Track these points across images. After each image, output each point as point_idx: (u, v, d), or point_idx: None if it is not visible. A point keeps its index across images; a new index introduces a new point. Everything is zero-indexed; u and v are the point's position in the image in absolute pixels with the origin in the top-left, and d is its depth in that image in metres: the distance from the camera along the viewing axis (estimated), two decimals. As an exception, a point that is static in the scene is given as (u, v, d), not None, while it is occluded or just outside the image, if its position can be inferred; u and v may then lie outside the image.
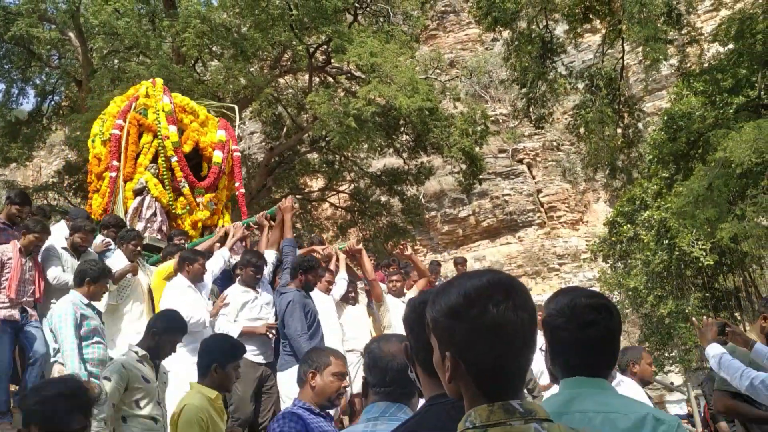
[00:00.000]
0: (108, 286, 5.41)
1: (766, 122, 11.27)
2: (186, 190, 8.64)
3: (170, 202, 8.55)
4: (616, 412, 1.84)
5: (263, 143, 24.97)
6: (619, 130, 16.83)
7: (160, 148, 8.59)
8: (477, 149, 18.34)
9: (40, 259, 5.97)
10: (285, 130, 20.85)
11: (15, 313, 5.58)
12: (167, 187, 8.55)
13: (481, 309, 1.30)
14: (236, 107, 12.73)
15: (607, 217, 23.26)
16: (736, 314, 19.57)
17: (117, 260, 6.33)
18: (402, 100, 15.11)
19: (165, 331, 4.31)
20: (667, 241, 18.20)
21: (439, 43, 32.55)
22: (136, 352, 4.27)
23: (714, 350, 4.18)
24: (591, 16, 15.97)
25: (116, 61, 17.98)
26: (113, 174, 8.46)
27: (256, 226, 7.46)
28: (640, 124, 17.31)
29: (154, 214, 8.41)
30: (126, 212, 8.24)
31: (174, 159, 8.59)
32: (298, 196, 22.40)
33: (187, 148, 8.89)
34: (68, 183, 21.08)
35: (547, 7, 14.95)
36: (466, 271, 1.62)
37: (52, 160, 33.32)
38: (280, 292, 5.95)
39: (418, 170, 20.23)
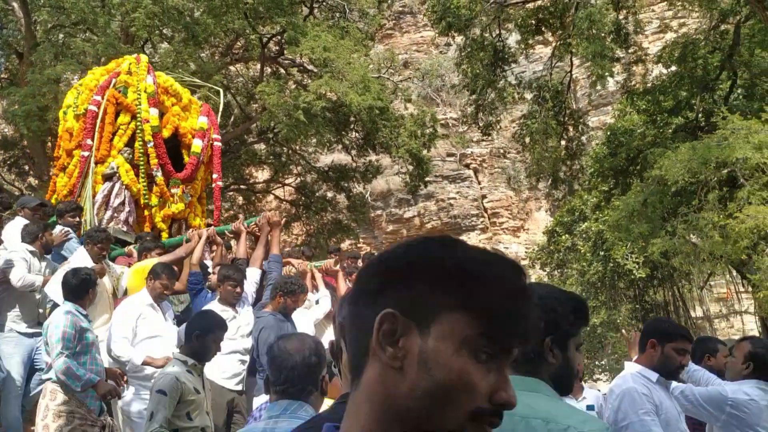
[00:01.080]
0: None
1: (700, 144, 11.71)
2: (159, 179, 8.04)
3: (144, 192, 7.95)
4: (540, 418, 1.67)
5: (210, 131, 24.53)
6: (563, 142, 17.22)
7: (138, 131, 8.00)
8: (425, 152, 18.46)
9: None
10: (232, 118, 20.53)
11: None
12: (141, 175, 7.95)
13: None
14: (222, 90, 12.28)
15: (547, 226, 23.78)
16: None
17: (79, 257, 5.80)
18: (353, 97, 15.09)
19: (208, 330, 4.08)
20: (602, 253, 18.72)
21: (394, 43, 32.64)
22: (185, 362, 4.02)
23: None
24: (543, 28, 16.30)
25: (61, 35, 17.34)
26: (85, 153, 7.79)
27: (232, 236, 6.98)
28: (583, 138, 17.75)
29: (122, 203, 7.79)
30: (94, 197, 7.66)
31: (151, 144, 7.99)
32: (242, 186, 22.12)
33: (165, 133, 8.27)
34: (3, 158, 20.25)
35: (501, 17, 15.17)
36: None
37: (-14, 133, 31.94)
38: (256, 315, 5.53)
39: (365, 168, 20.23)
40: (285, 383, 2.38)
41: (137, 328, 5.16)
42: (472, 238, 30.29)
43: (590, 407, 5.78)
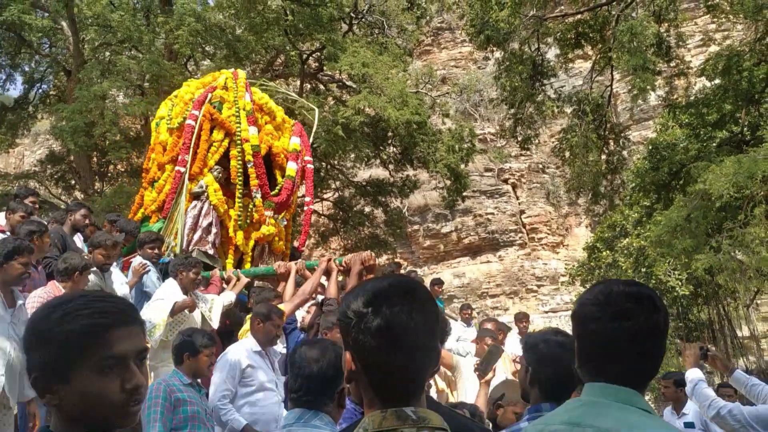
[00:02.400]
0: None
1: (746, 158, 11.43)
2: (258, 200, 7.66)
3: (239, 213, 7.56)
4: None
5: (250, 146, 24.89)
6: (604, 157, 17.00)
7: (237, 151, 7.60)
8: (462, 166, 18.43)
9: None
10: (273, 134, 20.82)
11: None
12: (239, 196, 7.56)
13: (375, 310, 1.29)
14: (316, 109, 12.16)
15: (587, 241, 23.44)
16: (710, 345, 19.73)
17: (168, 290, 5.49)
18: (391, 112, 15.18)
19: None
20: (644, 270, 18.36)
21: (433, 59, 32.76)
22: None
23: (693, 375, 4.23)
24: (583, 42, 16.16)
25: (107, 53, 17.90)
26: (181, 169, 7.39)
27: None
28: (624, 152, 17.49)
29: (210, 224, 7.39)
30: (185, 215, 7.30)
31: (251, 165, 7.61)
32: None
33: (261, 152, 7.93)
34: (50, 173, 20.87)
35: (540, 30, 15.10)
36: (380, 276, 1.59)
37: (35, 149, 33.00)
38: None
39: (403, 183, 20.28)
40: (299, 391, 2.38)
41: (244, 380, 4.57)
42: (510, 254, 30.02)
43: (689, 425, 5.55)
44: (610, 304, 1.62)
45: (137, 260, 6.21)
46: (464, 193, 19.50)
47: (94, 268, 5.27)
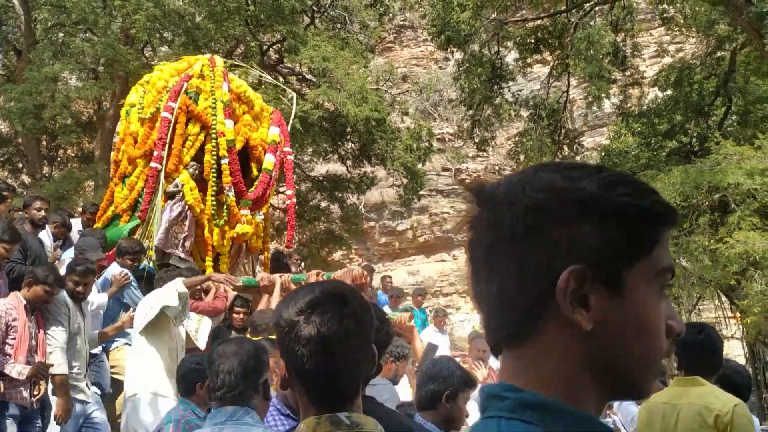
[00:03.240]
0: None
1: (693, 168, 11.79)
2: (231, 199, 7.22)
3: (213, 212, 7.12)
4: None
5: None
6: (557, 161, 17.29)
7: (211, 145, 7.14)
8: (420, 165, 18.50)
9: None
10: (230, 124, 20.56)
11: (25, 394, 4.20)
12: (211, 194, 7.11)
13: (306, 319, 1.30)
14: (294, 95, 11.64)
15: (540, 244, 23.80)
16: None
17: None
18: (350, 108, 15.14)
19: None
20: (593, 273, 18.73)
21: (394, 56, 32.78)
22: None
23: None
24: (541, 47, 16.41)
25: (61, 34, 17.38)
26: (156, 165, 6.86)
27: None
28: (578, 158, 17.84)
29: (184, 226, 6.98)
30: (161, 217, 6.85)
31: (225, 161, 7.11)
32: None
33: (237, 146, 7.39)
34: (-4, 154, 20.19)
35: (500, 34, 15.27)
36: (312, 282, 1.59)
37: (-19, 130, 31.85)
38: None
39: (360, 179, 20.25)
40: (223, 388, 2.36)
41: None
42: (464, 256, 30.29)
43: None
44: None
45: (116, 268, 5.85)
46: (421, 192, 19.58)
47: (64, 293, 4.71)
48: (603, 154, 17.69)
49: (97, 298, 5.48)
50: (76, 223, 7.39)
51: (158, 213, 6.86)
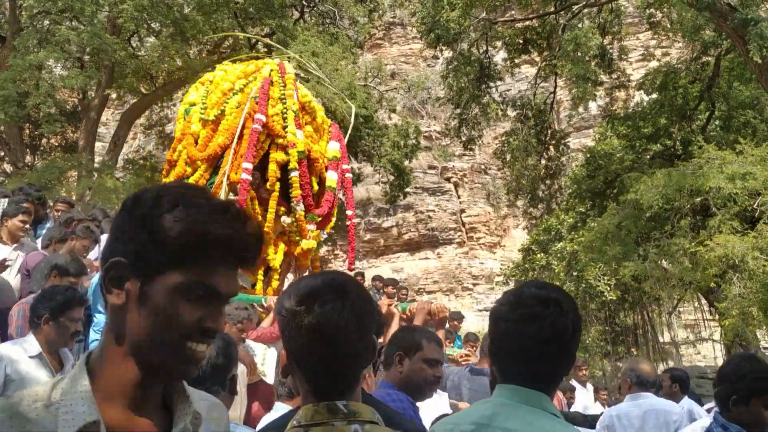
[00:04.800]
0: None
1: (676, 172, 11.91)
2: (300, 213, 6.81)
3: (271, 225, 6.72)
4: None
5: (193, 128, 24.40)
6: (543, 161, 17.40)
7: (281, 155, 6.69)
8: (407, 163, 18.54)
9: None
10: (216, 117, 20.46)
11: None
12: (272, 207, 6.65)
13: (306, 308, 1.33)
14: (354, 109, 11.17)
15: (523, 244, 23.95)
16: (633, 350, 20.52)
17: None
18: (338, 104, 15.13)
19: None
20: (575, 273, 18.90)
21: (383, 53, 32.78)
22: None
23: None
24: (530, 48, 16.49)
25: (46, 22, 17.18)
26: (247, 177, 6.41)
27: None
28: (563, 158, 17.96)
29: None
30: None
31: (296, 173, 6.70)
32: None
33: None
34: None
35: (489, 33, 15.33)
36: (316, 271, 1.63)
37: (-37, 116, 31.44)
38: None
39: (346, 175, 20.19)
40: (204, 383, 2.35)
41: None
42: (449, 252, 30.41)
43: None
44: (519, 305, 1.63)
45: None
46: (407, 190, 19.62)
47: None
48: (588, 155, 17.83)
49: None
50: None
51: None
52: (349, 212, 7.64)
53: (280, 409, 3.42)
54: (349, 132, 8.60)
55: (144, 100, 18.27)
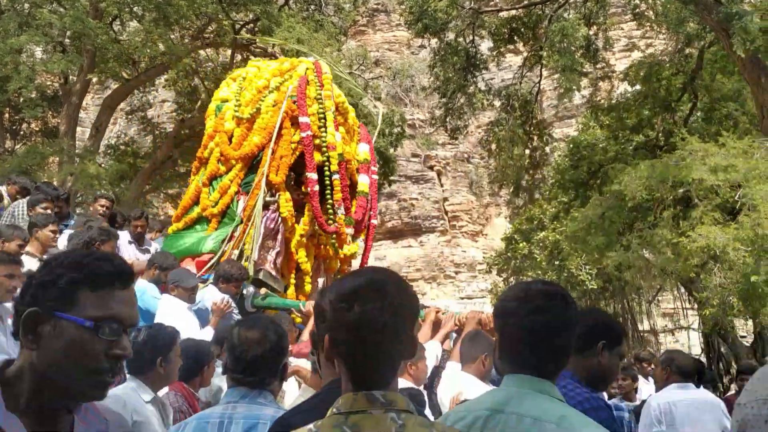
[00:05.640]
0: None
1: (659, 163, 12.04)
2: (340, 217, 6.68)
3: (306, 228, 6.56)
4: (552, 423, 1.65)
5: (174, 113, 24.16)
6: (528, 151, 17.49)
7: (321, 158, 6.54)
8: (391, 150, 18.52)
9: None
10: (199, 103, 20.26)
11: None
12: (310, 209, 6.53)
13: (348, 307, 1.41)
14: (380, 108, 10.83)
15: (506, 232, 24.08)
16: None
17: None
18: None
19: None
20: (557, 263, 19.07)
21: (367, 40, 32.63)
22: None
23: None
24: (516, 38, 16.52)
25: (27, 5, 16.87)
26: (316, 190, 6.31)
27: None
28: (547, 148, 18.07)
29: (276, 240, 6.43)
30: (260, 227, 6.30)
31: (337, 176, 6.56)
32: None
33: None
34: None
35: (476, 23, 15.33)
36: (360, 268, 1.71)
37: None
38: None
39: (330, 163, 20.13)
40: (243, 372, 2.40)
41: None
42: (432, 240, 30.52)
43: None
44: (527, 300, 1.78)
45: (216, 294, 5.22)
46: (391, 177, 19.62)
47: None
48: (571, 145, 17.94)
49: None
50: (124, 236, 6.78)
51: (258, 223, 6.26)
52: (371, 214, 7.41)
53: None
54: (376, 134, 8.41)
55: (126, 85, 18.05)
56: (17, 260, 3.96)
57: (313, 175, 6.36)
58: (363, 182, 7.05)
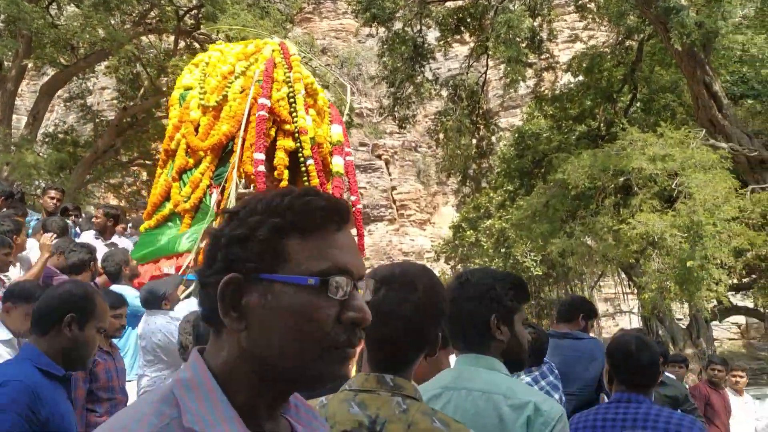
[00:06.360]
0: None
1: (601, 152, 12.38)
2: None
3: None
4: (500, 394, 1.78)
5: (116, 101, 23.50)
6: (474, 141, 17.70)
7: (291, 143, 6.27)
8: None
9: None
10: (142, 91, 19.77)
11: None
12: None
13: (375, 289, 1.47)
14: (349, 87, 10.53)
15: (453, 221, 24.39)
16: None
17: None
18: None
19: None
20: (504, 250, 19.44)
21: (313, 27, 32.36)
22: None
23: None
24: (462, 28, 16.65)
25: (-45, -14, 16.11)
26: (262, 168, 6.00)
27: None
28: (493, 138, 18.32)
29: None
30: None
31: (311, 161, 6.28)
32: (147, 162, 21.33)
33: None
34: None
35: (423, 13, 15.38)
36: (403, 262, 1.84)
37: None
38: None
39: (278, 152, 19.94)
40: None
41: None
42: (380, 229, 30.62)
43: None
44: (469, 287, 1.93)
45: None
46: (338, 167, 19.57)
47: None
48: (517, 135, 18.26)
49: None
50: (88, 235, 6.49)
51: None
52: (353, 198, 7.19)
53: None
54: (345, 114, 8.11)
55: (65, 71, 17.44)
56: None
57: (259, 156, 6.03)
58: (337, 164, 6.74)
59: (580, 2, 16.40)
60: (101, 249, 5.97)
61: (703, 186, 10.64)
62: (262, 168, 6.03)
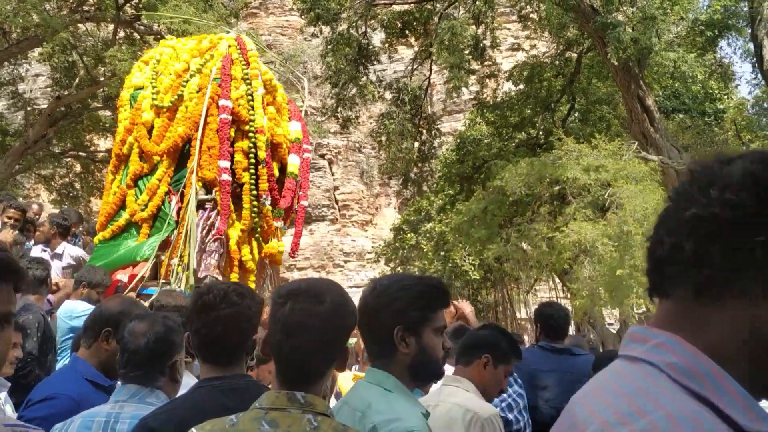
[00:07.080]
0: None
1: (538, 161, 12.65)
2: (267, 208, 6.04)
3: (256, 226, 5.97)
4: (360, 411, 1.75)
5: (49, 90, 22.65)
6: (416, 144, 17.82)
7: (249, 144, 5.90)
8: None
9: None
10: (77, 80, 19.12)
11: None
12: (246, 204, 5.90)
13: (283, 303, 1.51)
14: (306, 81, 9.92)
15: (395, 223, 24.50)
16: (492, 325, 21.67)
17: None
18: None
19: None
20: (443, 253, 19.64)
21: (259, 23, 31.99)
22: None
23: None
24: (407, 31, 16.74)
25: None
26: (228, 178, 5.68)
27: None
28: (435, 142, 18.48)
29: (217, 241, 5.75)
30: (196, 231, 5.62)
31: (262, 164, 5.94)
32: (81, 154, 20.63)
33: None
34: None
35: (368, 15, 15.39)
36: (313, 278, 1.81)
37: None
38: None
39: (218, 149, 19.60)
40: (127, 366, 2.29)
41: None
42: (321, 229, 30.49)
43: None
44: (379, 296, 1.89)
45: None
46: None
47: None
48: (458, 140, 18.46)
49: None
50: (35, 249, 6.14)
51: (194, 227, 5.58)
52: (300, 193, 6.82)
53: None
54: (303, 110, 7.80)
55: (-6, 57, 16.73)
56: None
57: (224, 163, 5.74)
58: (293, 163, 6.44)
59: (523, 12, 16.71)
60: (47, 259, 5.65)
61: (634, 197, 10.98)
62: (226, 177, 5.73)
